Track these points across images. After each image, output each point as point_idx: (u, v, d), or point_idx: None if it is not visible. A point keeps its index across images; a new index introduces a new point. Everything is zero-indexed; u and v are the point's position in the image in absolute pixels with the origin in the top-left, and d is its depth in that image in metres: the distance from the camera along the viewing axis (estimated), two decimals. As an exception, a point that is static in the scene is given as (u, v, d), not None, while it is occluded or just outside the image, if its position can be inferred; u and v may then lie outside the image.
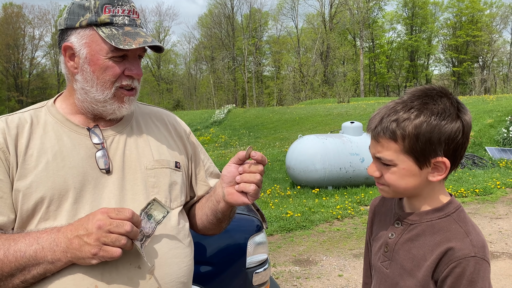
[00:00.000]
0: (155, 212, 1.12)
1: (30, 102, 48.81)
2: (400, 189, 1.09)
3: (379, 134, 1.06)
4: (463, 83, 52.29)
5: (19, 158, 1.15)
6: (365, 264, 1.36)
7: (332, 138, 8.65)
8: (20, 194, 1.12)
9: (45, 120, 1.23)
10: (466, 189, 8.06)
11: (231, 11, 56.24)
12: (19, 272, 1.07)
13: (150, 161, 1.27)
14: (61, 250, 1.05)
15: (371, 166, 1.12)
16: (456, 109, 1.03)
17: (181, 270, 1.24)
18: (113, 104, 1.22)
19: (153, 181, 1.25)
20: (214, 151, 19.22)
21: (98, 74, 1.19)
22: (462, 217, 1.09)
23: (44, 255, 1.05)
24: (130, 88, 1.24)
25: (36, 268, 1.07)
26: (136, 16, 1.24)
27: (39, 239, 1.07)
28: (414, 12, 55.18)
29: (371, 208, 1.31)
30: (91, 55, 1.19)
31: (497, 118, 14.59)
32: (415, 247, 1.09)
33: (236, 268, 2.26)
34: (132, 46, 1.15)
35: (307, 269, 4.57)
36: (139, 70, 1.24)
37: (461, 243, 1.03)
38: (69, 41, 1.20)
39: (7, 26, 53.74)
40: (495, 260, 4.72)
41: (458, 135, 1.02)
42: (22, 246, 1.06)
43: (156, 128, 1.37)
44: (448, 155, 1.04)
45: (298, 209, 6.74)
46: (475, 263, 1.01)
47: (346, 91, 35.09)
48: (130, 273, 1.14)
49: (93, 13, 1.18)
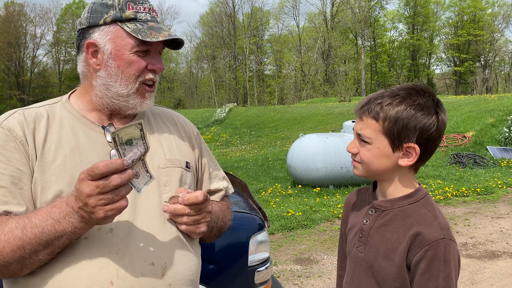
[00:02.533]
0: (129, 135, 1.03)
1: (31, 100, 48.88)
2: (372, 168, 1.18)
3: (364, 113, 1.17)
4: (464, 82, 52.21)
5: (38, 151, 1.16)
6: (339, 257, 1.44)
7: (334, 137, 8.65)
8: (39, 187, 1.13)
9: (60, 115, 1.25)
10: (468, 189, 8.06)
11: (232, 10, 56.20)
12: (42, 247, 1.05)
13: (162, 160, 1.29)
14: (77, 220, 1.03)
15: (351, 143, 1.22)
16: (435, 105, 1.15)
17: (191, 268, 1.26)
18: (135, 99, 1.25)
19: (166, 180, 1.26)
20: (215, 150, 19.24)
21: (123, 68, 1.22)
22: (429, 203, 1.19)
23: (63, 228, 1.04)
24: (151, 84, 1.27)
25: (59, 240, 1.06)
26: (155, 14, 1.28)
27: (52, 213, 1.05)
28: (415, 11, 55.07)
29: (346, 202, 1.39)
30: (116, 50, 1.21)
31: (499, 118, 14.57)
32: (388, 231, 1.18)
33: (238, 266, 2.27)
34: (159, 38, 1.19)
35: (308, 268, 4.58)
36: (162, 65, 1.27)
37: (430, 227, 1.12)
38: (93, 38, 1.22)
39: (8, 25, 53.75)
40: (496, 259, 4.73)
41: (432, 127, 1.13)
42: (37, 222, 1.05)
43: (167, 128, 1.39)
44: (420, 144, 1.14)
45: (299, 208, 6.75)
46: (445, 244, 1.10)
47: (348, 90, 35.08)
48: (144, 270, 1.15)
49: (117, 10, 1.21)
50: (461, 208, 7.05)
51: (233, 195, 2.76)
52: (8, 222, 1.07)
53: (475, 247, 5.13)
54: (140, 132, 1.04)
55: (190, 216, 1.18)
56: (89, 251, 1.12)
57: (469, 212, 6.74)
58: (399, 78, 56.48)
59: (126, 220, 1.17)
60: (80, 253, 1.12)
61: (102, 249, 1.13)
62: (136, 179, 1.04)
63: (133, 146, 1.03)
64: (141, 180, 1.06)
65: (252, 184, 9.48)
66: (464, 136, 13.16)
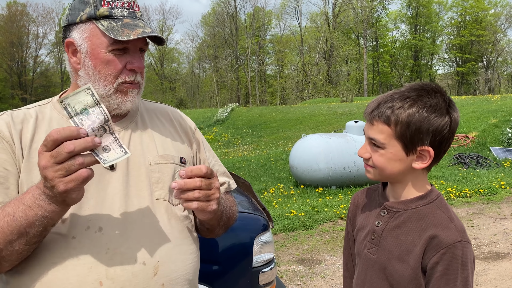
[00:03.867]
0: (81, 103, 0.96)
1: (33, 100, 48.93)
2: (385, 172, 1.16)
3: (374, 118, 1.14)
4: (467, 83, 52.07)
5: (25, 151, 1.15)
6: (345, 258, 1.40)
7: (336, 138, 8.63)
8: (25, 187, 1.11)
9: (50, 115, 1.23)
10: (471, 189, 8.03)
11: (234, 10, 56.20)
12: (16, 237, 1.02)
13: (154, 156, 1.26)
14: (46, 202, 0.99)
15: (362, 148, 1.19)
16: (447, 105, 1.12)
17: (187, 266, 1.23)
18: (116, 99, 1.21)
19: (157, 177, 1.23)
20: (217, 150, 19.23)
21: (100, 68, 1.18)
22: (443, 204, 1.17)
23: (34, 213, 1.00)
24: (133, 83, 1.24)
25: (32, 227, 1.02)
26: (136, 8, 1.22)
27: (23, 199, 1.02)
28: (418, 11, 54.96)
29: (353, 201, 1.37)
30: (91, 49, 1.18)
31: (502, 118, 14.53)
32: (402, 233, 1.16)
33: (243, 267, 2.26)
34: (130, 37, 1.14)
35: (311, 269, 4.56)
36: (141, 63, 1.22)
37: (447, 229, 1.11)
38: (71, 36, 1.20)
39: (11, 24, 53.88)
40: (500, 260, 4.70)
41: (445, 128, 1.10)
42: (9, 210, 1.02)
43: (161, 123, 1.37)
44: (434, 146, 1.12)
45: (301, 209, 6.73)
46: (462, 247, 1.09)
47: (350, 90, 35.03)
48: (134, 269, 1.13)
49: (92, 7, 1.17)
50: (464, 209, 7.03)
51: (237, 195, 2.74)
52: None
53: (479, 248, 5.10)
54: (92, 98, 0.97)
55: (202, 190, 1.07)
56: (78, 250, 1.10)
57: (472, 213, 6.71)
58: (401, 78, 56.38)
59: (117, 218, 1.15)
60: (68, 252, 1.10)
61: (90, 249, 1.11)
62: (105, 152, 0.97)
63: (90, 115, 0.97)
64: (111, 154, 0.97)
65: (254, 184, 9.46)
66: (467, 137, 13.12)
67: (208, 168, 1.09)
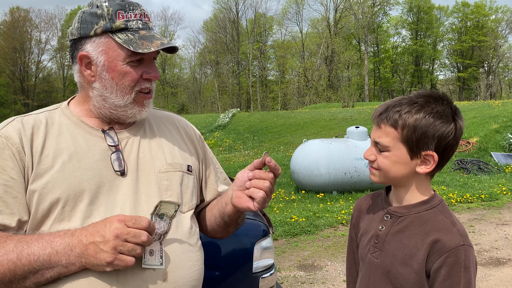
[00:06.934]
0: (165, 210, 1.11)
1: (36, 105, 49.10)
2: (390, 175, 1.19)
3: (382, 121, 1.18)
4: (468, 88, 52.10)
5: (35, 158, 1.16)
6: (348, 263, 1.41)
7: (337, 143, 8.64)
8: (36, 194, 1.13)
9: (59, 121, 1.25)
10: (472, 195, 8.01)
11: (236, 16, 56.41)
12: (32, 275, 1.06)
13: (163, 164, 1.28)
14: (75, 255, 1.05)
15: (368, 150, 1.22)
16: (453, 113, 1.16)
17: (193, 273, 1.25)
18: (133, 109, 1.24)
19: (166, 184, 1.26)
20: (219, 155, 19.25)
21: (117, 80, 1.21)
22: (446, 209, 1.19)
23: (58, 260, 1.05)
24: (148, 91, 1.26)
25: (50, 271, 1.06)
26: (147, 19, 1.25)
27: (53, 243, 1.06)
28: (419, 17, 55.13)
29: (356, 207, 1.39)
30: (108, 62, 1.20)
31: (503, 124, 14.52)
32: (405, 237, 1.18)
33: (243, 272, 2.26)
34: (151, 49, 1.17)
35: (311, 274, 4.55)
36: (157, 73, 1.26)
37: (449, 233, 1.13)
38: (85, 50, 1.21)
39: (14, 30, 54.14)
40: (501, 266, 4.69)
41: (450, 135, 1.14)
42: (35, 249, 1.06)
43: (168, 131, 1.38)
44: (438, 152, 1.14)
45: (302, 214, 6.73)
46: (465, 251, 1.11)
47: (351, 96, 35.06)
48: (144, 275, 1.14)
49: (107, 20, 1.19)
50: (466, 214, 7.01)
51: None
52: (6, 243, 1.07)
53: (480, 254, 5.09)
54: (173, 213, 1.12)
55: (272, 182, 1.18)
56: None
57: (473, 219, 6.69)
58: (402, 84, 56.45)
59: None
60: None
61: None
62: (149, 255, 1.12)
63: (162, 221, 1.12)
64: (151, 260, 1.12)
65: (256, 190, 9.45)
66: (468, 142, 13.11)
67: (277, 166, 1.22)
